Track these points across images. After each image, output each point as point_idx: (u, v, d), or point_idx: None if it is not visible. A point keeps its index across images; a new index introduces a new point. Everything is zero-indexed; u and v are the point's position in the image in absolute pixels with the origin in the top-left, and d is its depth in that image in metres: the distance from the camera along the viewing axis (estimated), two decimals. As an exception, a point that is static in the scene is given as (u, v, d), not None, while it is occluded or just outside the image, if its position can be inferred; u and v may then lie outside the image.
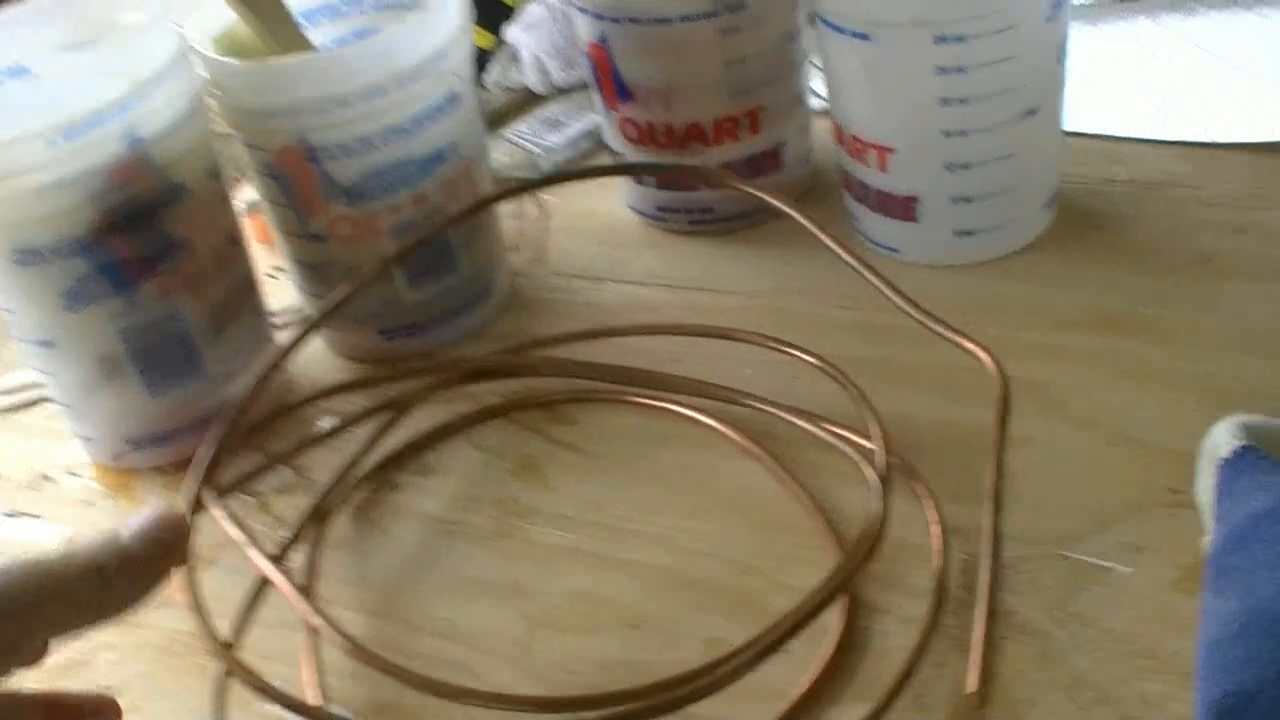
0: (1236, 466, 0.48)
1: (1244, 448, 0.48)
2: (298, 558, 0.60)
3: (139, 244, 0.61)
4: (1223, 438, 0.49)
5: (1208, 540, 0.49)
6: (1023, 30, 0.62)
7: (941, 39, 0.62)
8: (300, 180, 0.65)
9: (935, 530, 0.54)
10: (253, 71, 0.64)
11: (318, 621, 0.52)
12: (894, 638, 0.51)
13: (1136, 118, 0.79)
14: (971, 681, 0.48)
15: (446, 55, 0.65)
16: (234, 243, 0.67)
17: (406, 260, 0.67)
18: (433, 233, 0.67)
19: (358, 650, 0.50)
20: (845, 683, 0.50)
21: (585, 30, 0.73)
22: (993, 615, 0.51)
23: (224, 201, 0.66)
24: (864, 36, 0.64)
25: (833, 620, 0.51)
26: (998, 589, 0.52)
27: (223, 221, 0.66)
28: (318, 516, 0.62)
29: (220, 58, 0.64)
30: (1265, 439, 0.49)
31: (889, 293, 0.64)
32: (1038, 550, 0.53)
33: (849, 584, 0.51)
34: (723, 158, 0.74)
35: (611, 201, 0.82)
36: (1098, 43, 0.87)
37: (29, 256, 0.60)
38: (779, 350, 0.64)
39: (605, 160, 0.81)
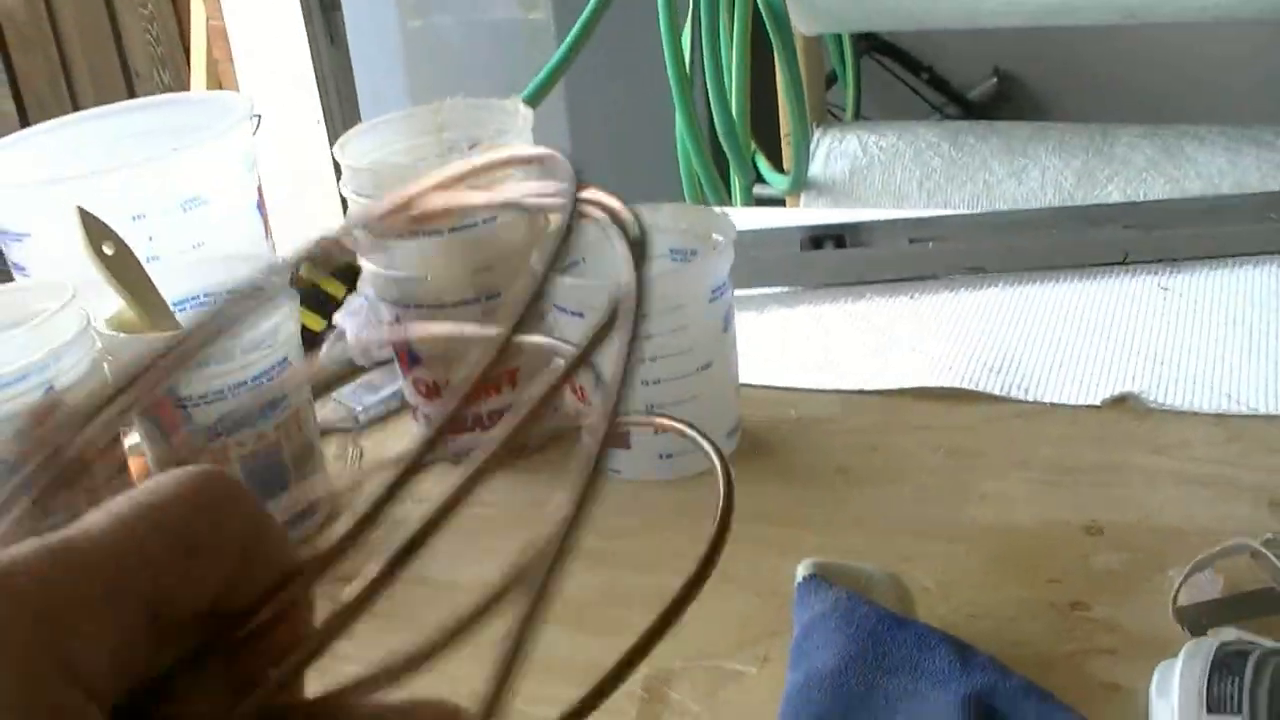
0: (806, 587, 0.72)
1: (810, 575, 0.72)
2: None
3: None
4: (800, 570, 0.73)
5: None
6: (690, 308, 0.87)
7: (631, 314, 0.87)
8: (169, 422, 0.88)
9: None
10: (131, 342, 0.86)
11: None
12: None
13: (810, 373, 1.05)
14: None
15: (277, 331, 0.88)
16: (122, 470, 0.88)
17: (251, 485, 0.90)
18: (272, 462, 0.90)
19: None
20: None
21: (386, 315, 0.96)
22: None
23: (116, 439, 0.88)
24: (581, 315, 0.89)
25: None
26: (668, 687, 0.75)
27: (114, 453, 0.88)
28: None
29: (109, 332, 0.86)
30: (824, 571, 0.73)
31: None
32: (696, 663, 0.76)
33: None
34: (489, 408, 0.96)
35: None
36: (789, 321, 1.14)
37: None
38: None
39: (408, 413, 1.04)
